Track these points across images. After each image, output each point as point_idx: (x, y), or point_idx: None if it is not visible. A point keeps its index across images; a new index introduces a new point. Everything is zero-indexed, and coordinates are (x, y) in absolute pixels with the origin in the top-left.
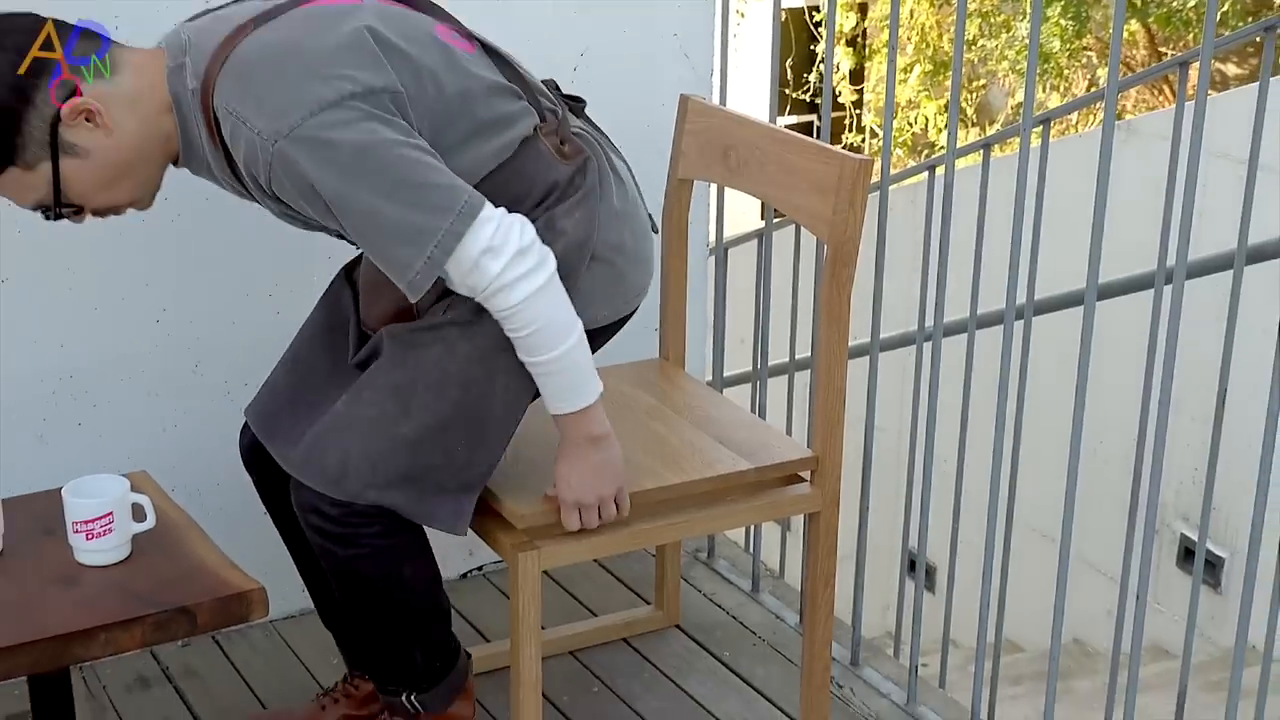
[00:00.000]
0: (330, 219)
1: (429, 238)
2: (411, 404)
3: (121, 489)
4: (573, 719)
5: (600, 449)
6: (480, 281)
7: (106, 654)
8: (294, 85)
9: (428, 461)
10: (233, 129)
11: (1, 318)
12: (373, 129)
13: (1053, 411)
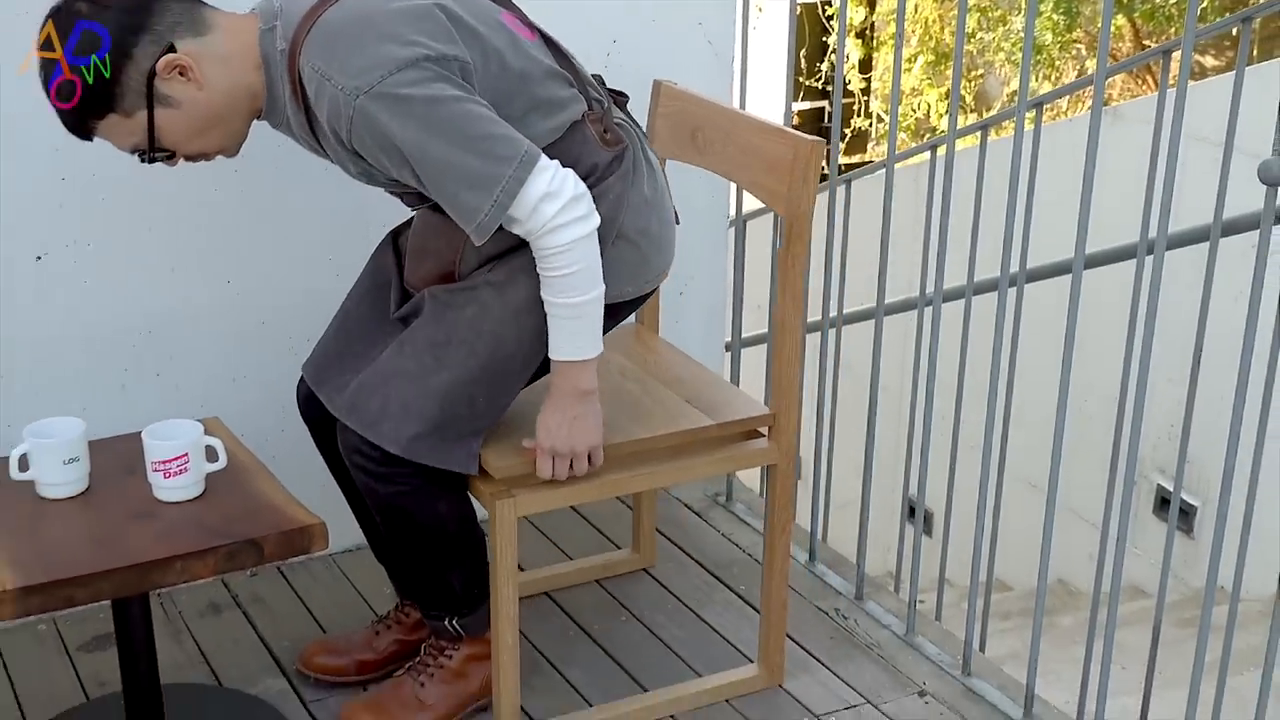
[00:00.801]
0: (405, 170)
1: (495, 184)
2: (445, 358)
3: (196, 432)
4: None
5: (584, 403)
6: (537, 223)
7: (182, 581)
8: (374, 48)
9: (454, 411)
10: (318, 87)
11: (89, 277)
12: (442, 88)
13: (1042, 372)
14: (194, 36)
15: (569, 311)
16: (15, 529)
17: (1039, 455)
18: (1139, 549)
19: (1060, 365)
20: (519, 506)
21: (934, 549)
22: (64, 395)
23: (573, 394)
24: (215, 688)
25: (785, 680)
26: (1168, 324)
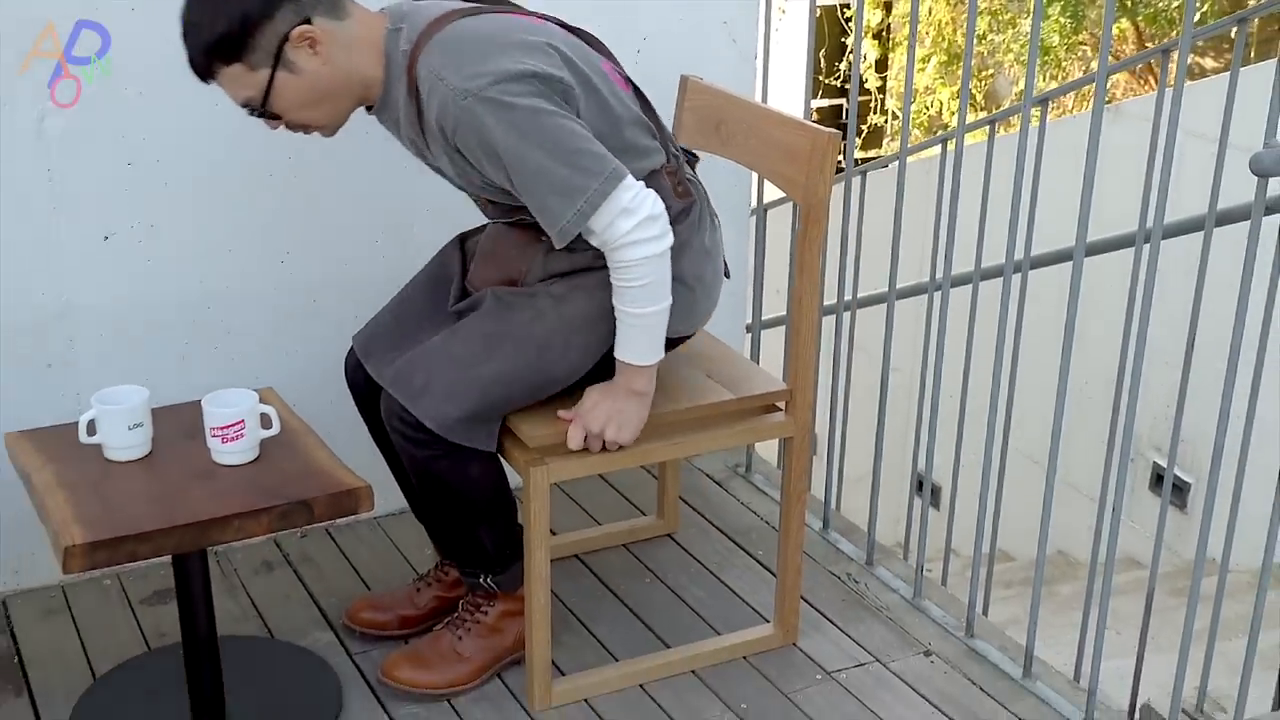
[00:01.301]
0: (500, 173)
1: (580, 194)
2: (495, 352)
3: (252, 401)
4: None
5: (633, 401)
6: (613, 236)
7: (238, 539)
8: (487, 58)
9: (490, 401)
10: (431, 87)
11: (152, 256)
12: (544, 102)
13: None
14: (329, 17)
15: (635, 320)
16: (83, 489)
17: (1041, 433)
18: (1135, 522)
19: (1062, 347)
20: (551, 473)
21: (940, 521)
22: (129, 366)
23: (626, 390)
24: (267, 639)
25: (799, 639)
26: (1164, 310)
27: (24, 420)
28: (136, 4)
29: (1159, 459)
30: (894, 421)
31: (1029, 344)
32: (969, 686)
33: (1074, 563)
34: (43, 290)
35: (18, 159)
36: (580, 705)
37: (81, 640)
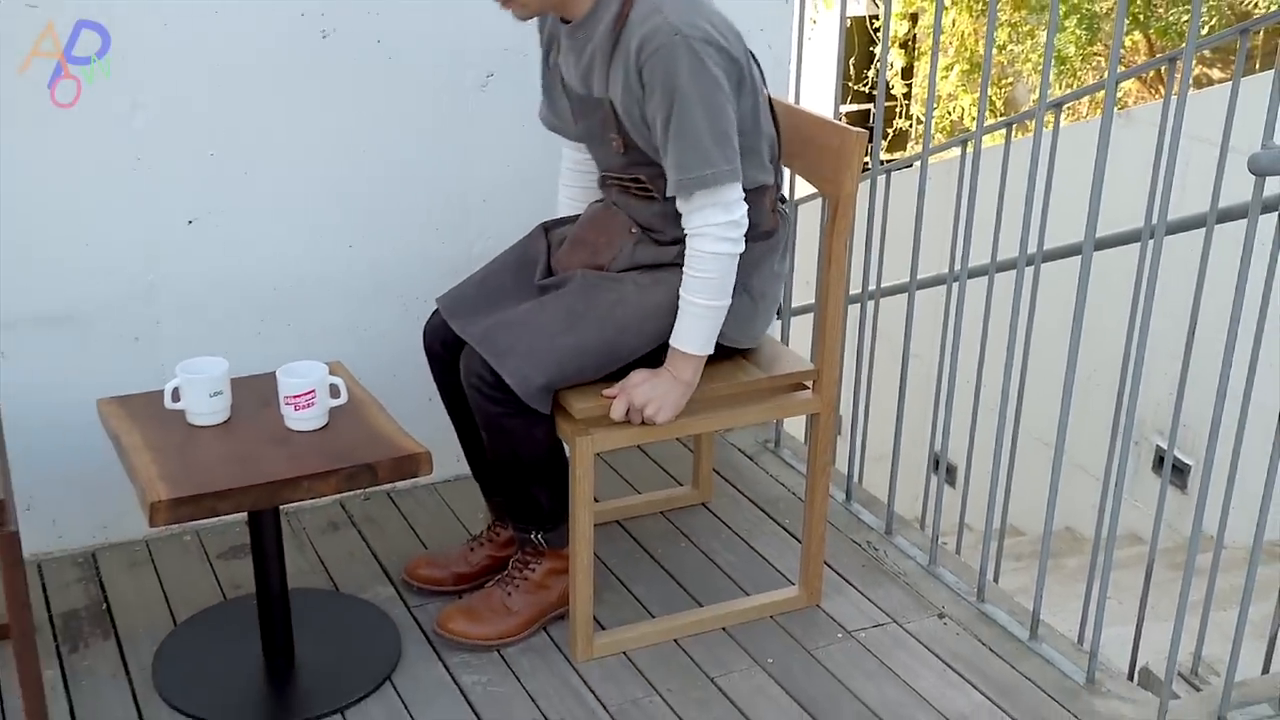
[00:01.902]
0: (661, 109)
1: (709, 166)
2: (577, 326)
3: (322, 372)
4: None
5: (677, 388)
6: (699, 221)
7: (308, 498)
8: (704, 18)
9: (564, 369)
10: (648, 15)
11: (232, 240)
12: (724, 79)
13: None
14: None
15: (696, 310)
16: (168, 450)
17: (1050, 416)
18: (1138, 501)
19: (1070, 336)
20: (595, 443)
21: (955, 499)
22: (209, 340)
23: (672, 378)
24: (333, 592)
25: (822, 601)
26: (1167, 302)
27: (114, 388)
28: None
29: (1161, 442)
30: (913, 404)
31: (1040, 333)
32: (979, 647)
33: (1080, 538)
34: (131, 270)
35: (110, 148)
36: (619, 657)
37: (164, 590)
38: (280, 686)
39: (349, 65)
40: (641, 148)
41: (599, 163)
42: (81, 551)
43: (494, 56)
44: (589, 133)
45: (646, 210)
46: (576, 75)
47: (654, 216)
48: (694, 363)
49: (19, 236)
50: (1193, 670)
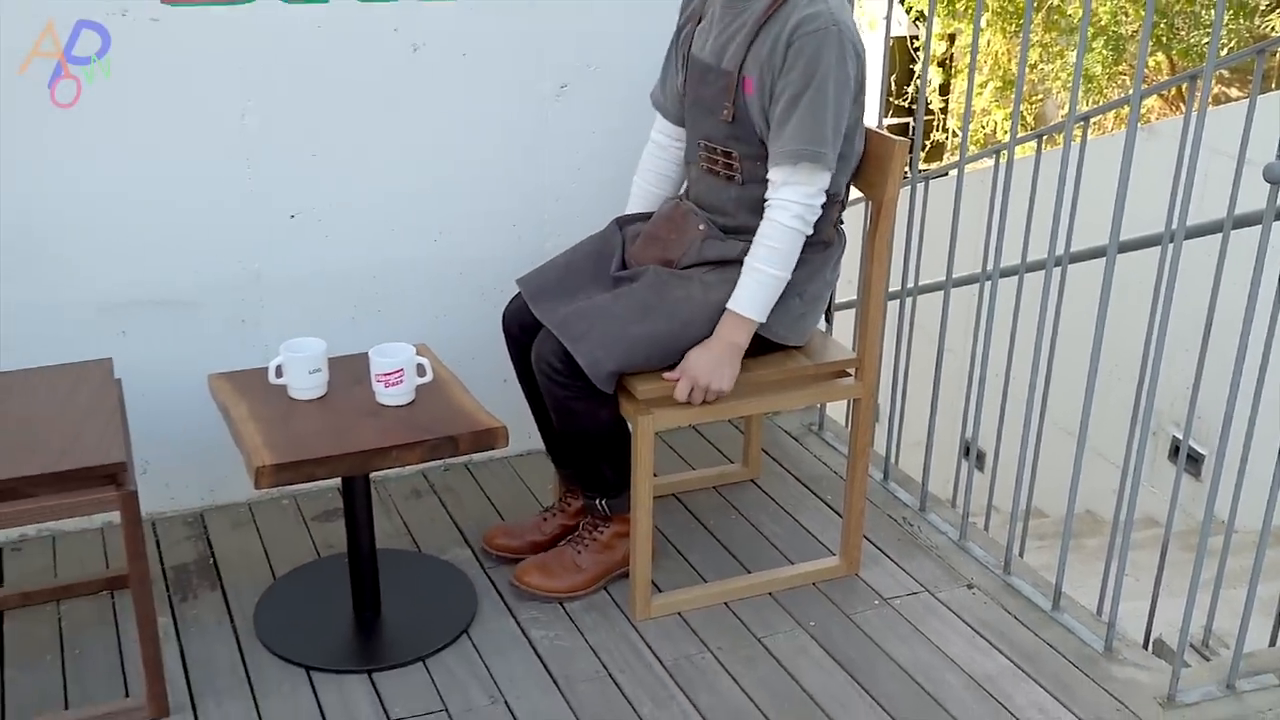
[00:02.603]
0: (794, 85)
1: (820, 144)
2: (647, 317)
3: (410, 353)
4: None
5: (731, 354)
6: (788, 195)
7: (395, 466)
8: (853, 24)
9: (631, 356)
10: (812, 1)
11: (329, 233)
12: (853, 83)
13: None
14: None
15: (760, 276)
16: (272, 421)
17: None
18: (1154, 487)
19: (1094, 333)
20: (655, 422)
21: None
22: (309, 322)
23: (727, 344)
24: (416, 553)
25: (860, 570)
26: (1185, 301)
27: (223, 364)
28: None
29: (1176, 432)
30: (946, 394)
31: (1065, 329)
32: (1005, 615)
33: (1099, 520)
34: (240, 259)
35: (223, 150)
36: (674, 617)
37: (264, 548)
38: (368, 636)
39: (437, 76)
40: (750, 120)
41: (698, 133)
42: (191, 512)
43: (567, 68)
44: (699, 103)
45: (723, 193)
46: (713, 46)
47: (728, 200)
48: (747, 327)
49: (140, 227)
50: (1203, 642)
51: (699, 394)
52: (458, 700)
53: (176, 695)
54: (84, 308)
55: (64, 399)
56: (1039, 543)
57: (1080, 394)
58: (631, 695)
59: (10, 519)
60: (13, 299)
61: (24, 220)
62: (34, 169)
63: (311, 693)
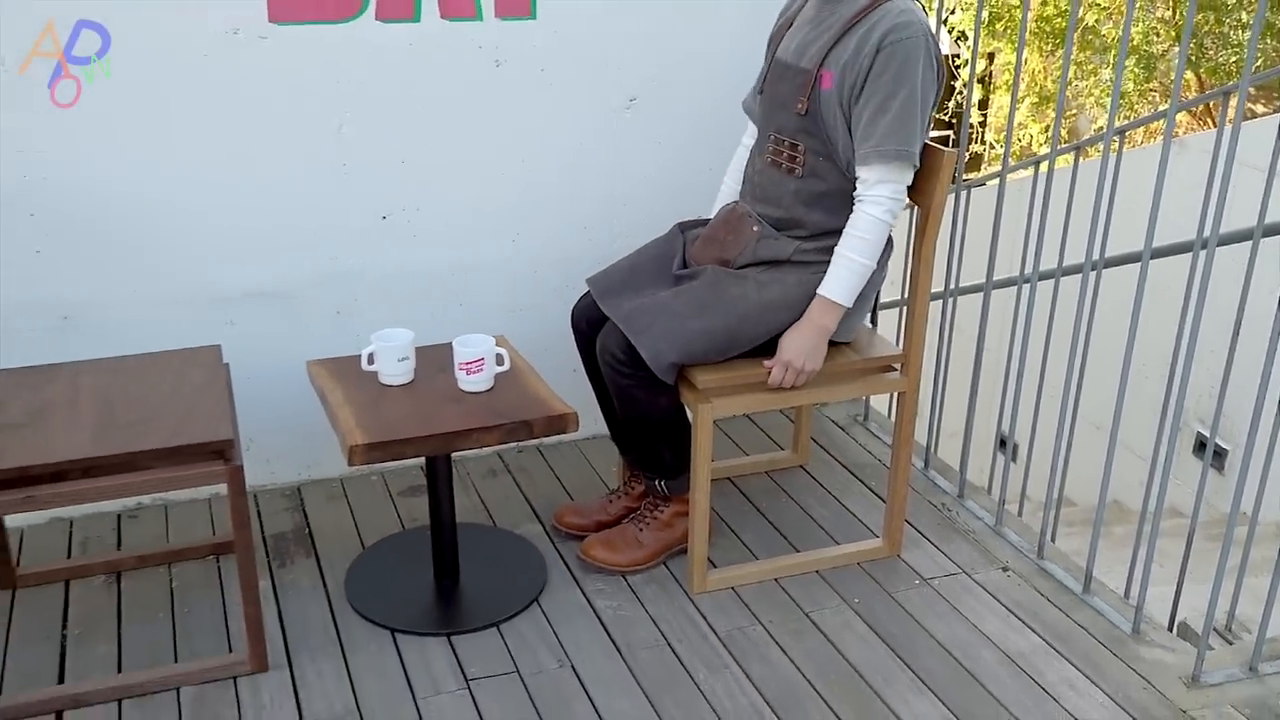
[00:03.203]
0: (883, 89)
1: (904, 144)
2: (704, 314)
3: (489, 344)
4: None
5: (821, 337)
6: (879, 191)
7: (474, 447)
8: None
9: (689, 349)
10: (905, 10)
11: (417, 233)
12: (933, 91)
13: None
14: None
15: (847, 263)
16: (364, 405)
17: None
18: (1178, 479)
19: (1127, 334)
20: (714, 410)
21: (1017, 472)
22: (397, 314)
23: (818, 327)
24: (492, 527)
25: (902, 552)
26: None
27: (320, 352)
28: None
29: (1200, 428)
30: (984, 389)
31: (1098, 328)
32: (1038, 597)
33: (1125, 510)
34: (335, 256)
35: (322, 157)
36: (728, 591)
37: (354, 520)
38: (447, 602)
39: (516, 89)
40: (822, 113)
41: (771, 126)
42: (289, 485)
43: (636, 83)
44: (774, 98)
45: (781, 185)
46: (796, 47)
47: (786, 193)
48: (836, 311)
49: (246, 227)
50: (1226, 626)
51: (792, 376)
52: (528, 662)
53: (274, 652)
54: (197, 300)
55: (178, 381)
56: (1067, 529)
57: (1107, 390)
58: (688, 663)
59: (129, 489)
60: (136, 291)
61: (148, 222)
62: (158, 175)
63: (396, 652)
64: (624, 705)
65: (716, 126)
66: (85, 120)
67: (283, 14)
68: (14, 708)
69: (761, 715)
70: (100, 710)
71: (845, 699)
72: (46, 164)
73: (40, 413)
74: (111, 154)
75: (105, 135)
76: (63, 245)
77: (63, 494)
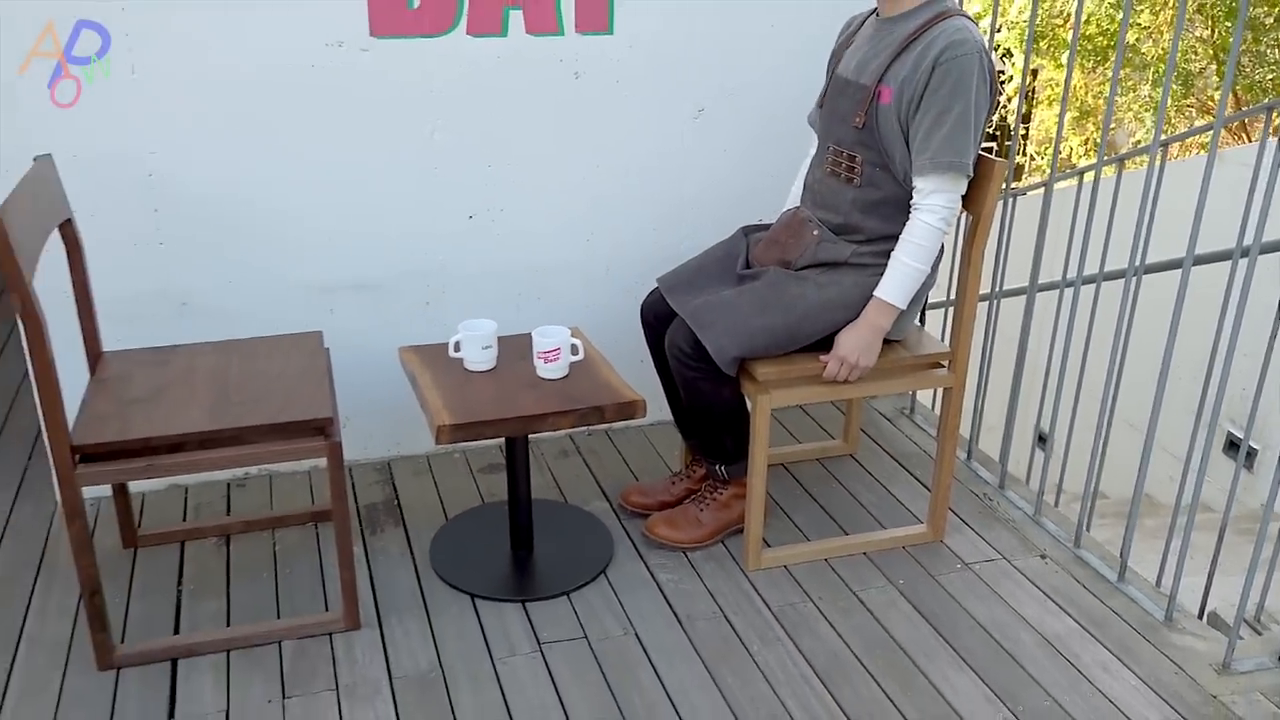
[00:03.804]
0: (940, 103)
1: (965, 155)
2: (765, 312)
3: (565, 334)
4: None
5: (876, 335)
6: (935, 201)
7: (550, 430)
8: None
9: (751, 344)
10: (960, 28)
11: (500, 232)
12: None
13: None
14: None
15: (905, 269)
16: (450, 388)
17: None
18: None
19: (1164, 337)
20: (772, 401)
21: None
22: (481, 306)
23: (873, 326)
24: (563, 504)
25: (945, 537)
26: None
27: (411, 339)
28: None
29: (1231, 428)
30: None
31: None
32: (1075, 584)
33: (1156, 504)
34: (425, 252)
35: (413, 160)
36: (780, 569)
37: (439, 493)
38: (522, 571)
39: (593, 99)
40: (879, 127)
41: (830, 138)
42: (380, 460)
43: (705, 94)
44: (834, 112)
45: (840, 194)
46: (856, 64)
47: (844, 201)
48: (890, 312)
49: (346, 224)
50: (1255, 617)
51: (846, 371)
52: (596, 629)
53: (366, 611)
54: (301, 289)
55: (284, 364)
56: (1100, 520)
57: (1140, 388)
58: (743, 634)
59: (238, 460)
60: (247, 281)
61: (259, 219)
62: (267, 177)
63: (475, 615)
64: (683, 671)
65: (778, 136)
66: (203, 126)
67: (383, 28)
68: (136, 654)
69: (811, 685)
70: (210, 660)
71: (890, 673)
72: (170, 165)
73: (161, 390)
74: (226, 157)
75: (220, 139)
76: (183, 239)
77: (180, 463)
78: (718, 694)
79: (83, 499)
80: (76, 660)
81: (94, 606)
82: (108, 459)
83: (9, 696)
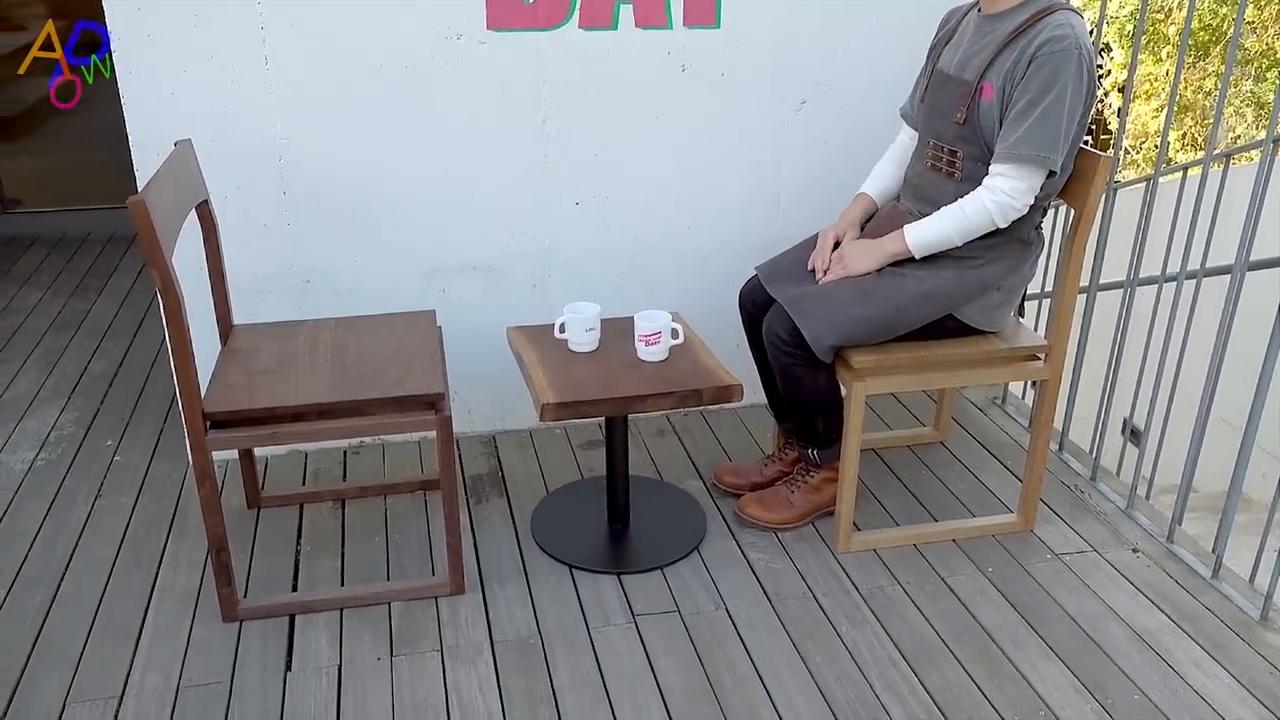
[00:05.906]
0: (1030, 94)
1: (1046, 150)
2: (863, 302)
3: (666, 319)
4: (890, 486)
5: (878, 254)
6: (1001, 185)
7: (650, 410)
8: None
9: (849, 334)
10: (1061, 25)
11: (605, 219)
12: (1084, 103)
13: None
14: None
15: (939, 228)
16: (555, 368)
17: (1224, 395)
18: None
19: (1270, 341)
20: (867, 388)
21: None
22: (586, 289)
23: (881, 248)
24: (658, 481)
25: (1035, 527)
26: None
27: (518, 320)
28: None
29: None
30: (1120, 383)
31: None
32: (1167, 579)
33: (1249, 500)
34: (533, 237)
35: (526, 149)
36: (869, 553)
37: (540, 467)
38: (618, 544)
39: (700, 91)
40: (980, 123)
41: (930, 133)
42: (486, 434)
43: (807, 87)
44: (935, 107)
45: (941, 187)
46: (958, 60)
47: (945, 194)
48: (902, 248)
49: (459, 208)
50: None
51: (836, 268)
52: (688, 603)
53: (470, 577)
54: (416, 270)
55: (399, 340)
56: (1190, 514)
57: (1235, 385)
58: (831, 614)
59: (355, 430)
60: (366, 261)
61: (378, 202)
62: (387, 160)
63: (572, 585)
64: (771, 648)
65: (875, 130)
66: (329, 115)
67: (499, 22)
68: (258, 608)
69: (897, 667)
70: (325, 616)
71: (976, 659)
72: (298, 151)
73: (285, 362)
74: (349, 144)
75: (344, 128)
76: (308, 221)
77: (301, 432)
78: (805, 671)
79: (213, 462)
80: (204, 611)
81: (220, 562)
82: (236, 426)
83: (143, 639)
